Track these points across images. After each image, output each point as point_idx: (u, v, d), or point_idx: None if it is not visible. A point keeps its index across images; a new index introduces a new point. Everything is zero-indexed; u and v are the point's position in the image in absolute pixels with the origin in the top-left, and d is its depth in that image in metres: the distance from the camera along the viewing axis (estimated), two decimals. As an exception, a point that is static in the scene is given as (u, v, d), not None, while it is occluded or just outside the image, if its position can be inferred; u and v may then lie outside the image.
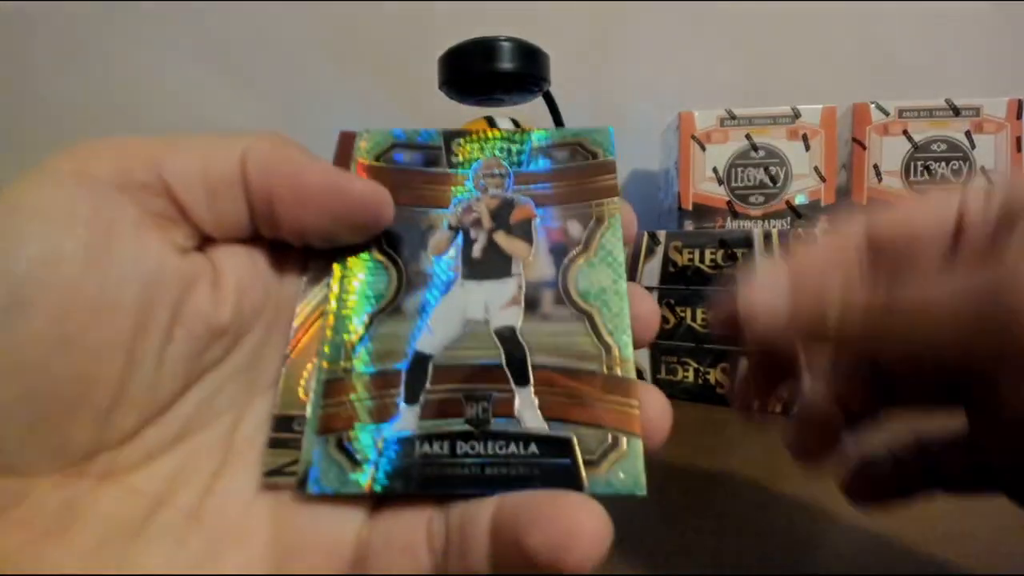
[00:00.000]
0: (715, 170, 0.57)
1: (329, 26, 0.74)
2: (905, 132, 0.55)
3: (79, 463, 0.12)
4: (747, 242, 0.40)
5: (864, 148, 0.56)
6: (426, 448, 0.13)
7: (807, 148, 0.56)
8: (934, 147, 0.55)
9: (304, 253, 0.15)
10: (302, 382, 0.13)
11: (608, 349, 0.14)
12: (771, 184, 0.57)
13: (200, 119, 0.73)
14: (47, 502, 0.11)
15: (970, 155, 0.54)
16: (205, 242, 0.14)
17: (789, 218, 0.56)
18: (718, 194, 0.57)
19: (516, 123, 0.56)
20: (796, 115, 0.56)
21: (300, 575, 0.12)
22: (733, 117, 0.57)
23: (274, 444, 0.13)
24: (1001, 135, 0.54)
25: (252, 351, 0.14)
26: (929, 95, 0.56)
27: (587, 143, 0.17)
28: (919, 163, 0.55)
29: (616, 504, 0.26)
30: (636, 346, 0.15)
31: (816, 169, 0.56)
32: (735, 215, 0.57)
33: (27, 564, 0.10)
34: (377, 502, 0.13)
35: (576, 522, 0.11)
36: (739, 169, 0.57)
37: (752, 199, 0.57)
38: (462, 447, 0.13)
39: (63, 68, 0.74)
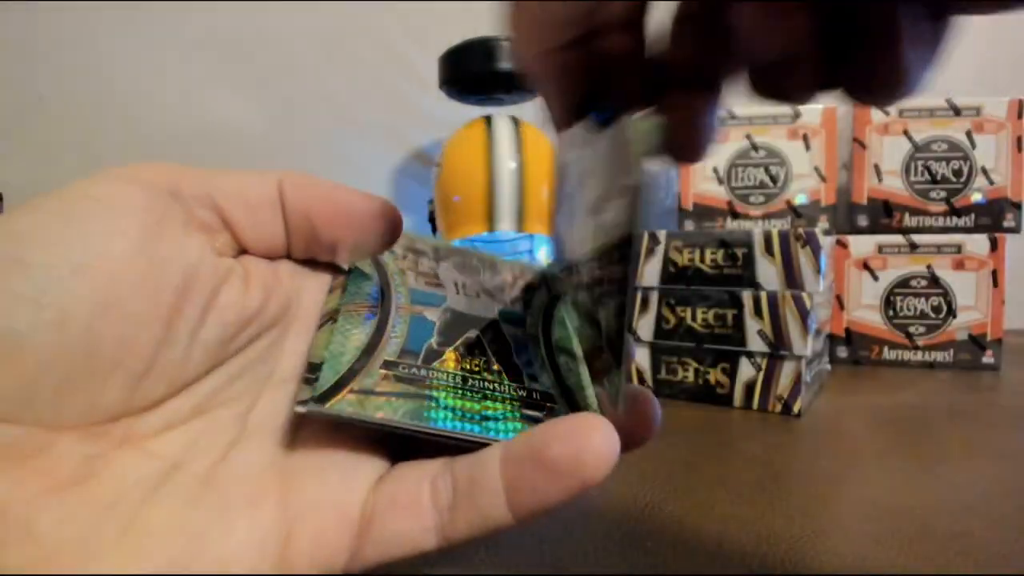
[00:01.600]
0: (715, 170, 0.57)
1: (329, 26, 0.74)
2: (905, 132, 0.55)
3: (103, 424, 0.12)
4: (747, 242, 0.40)
5: (864, 148, 0.56)
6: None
7: (807, 148, 0.56)
8: (934, 147, 0.55)
9: (317, 271, 0.17)
10: (326, 342, 0.15)
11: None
12: (771, 184, 0.57)
13: (200, 118, 0.73)
14: (69, 455, 0.12)
15: (970, 155, 0.54)
16: (240, 254, 0.16)
17: (789, 218, 0.56)
18: (718, 194, 0.57)
19: (516, 120, 0.56)
20: (796, 115, 0.56)
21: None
22: (733, 117, 0.57)
23: (306, 381, 0.14)
24: (1002, 135, 0.54)
25: (270, 347, 0.15)
26: (929, 95, 0.56)
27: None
28: (919, 163, 0.55)
29: (616, 504, 0.26)
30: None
31: (816, 169, 0.56)
32: (735, 215, 0.57)
33: (43, 511, 0.11)
34: (390, 464, 0.15)
35: (591, 432, 0.13)
36: (739, 169, 0.57)
37: (752, 199, 0.57)
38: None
39: (63, 67, 0.74)
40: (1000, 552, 0.21)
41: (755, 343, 0.40)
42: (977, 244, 0.52)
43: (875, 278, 0.54)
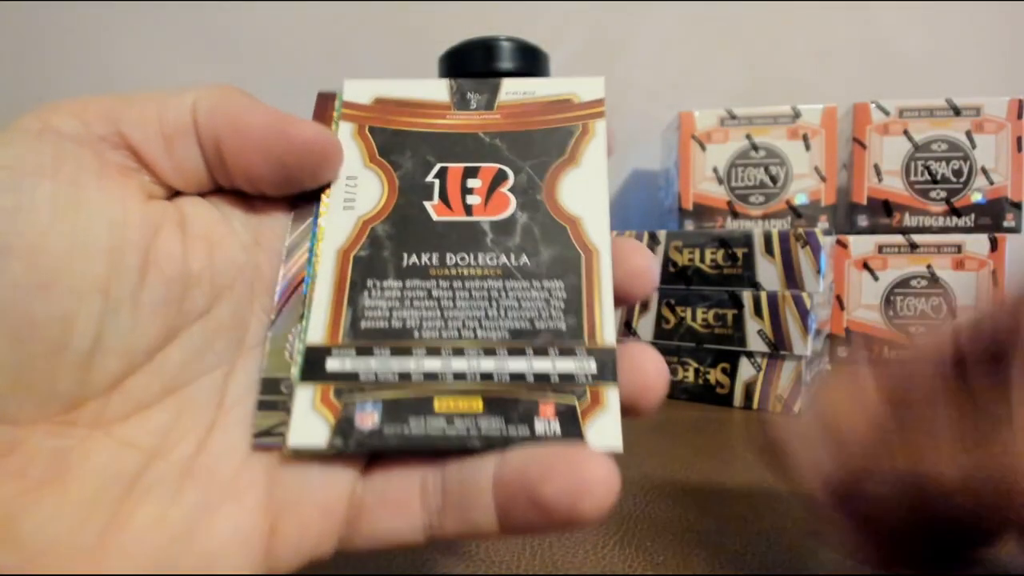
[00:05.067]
0: (715, 170, 0.57)
1: (329, 26, 0.74)
2: (905, 132, 0.55)
3: (68, 411, 0.12)
4: (747, 242, 0.40)
5: (864, 148, 0.56)
6: None
7: (807, 148, 0.56)
8: (935, 147, 0.55)
9: (285, 217, 0.15)
10: (287, 345, 0.14)
11: None
12: (771, 184, 0.57)
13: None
14: (39, 451, 0.11)
15: (970, 155, 0.54)
16: (172, 196, 0.14)
17: (789, 218, 0.56)
18: (718, 194, 0.57)
19: None
20: (796, 115, 0.56)
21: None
22: (733, 117, 0.57)
23: (263, 406, 0.13)
24: (1002, 135, 0.53)
25: (237, 309, 0.14)
26: (929, 95, 0.56)
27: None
28: (920, 163, 0.55)
29: (616, 504, 0.26)
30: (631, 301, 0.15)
31: (816, 169, 0.56)
32: (735, 215, 0.57)
33: (23, 513, 0.10)
34: (369, 462, 0.14)
35: (589, 472, 0.12)
36: (739, 169, 0.57)
37: (752, 199, 0.57)
38: None
39: (63, 67, 0.74)
40: (1000, 551, 0.21)
41: (755, 343, 0.40)
42: (977, 244, 0.52)
43: (875, 278, 0.54)
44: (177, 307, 0.13)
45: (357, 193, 0.15)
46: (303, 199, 0.15)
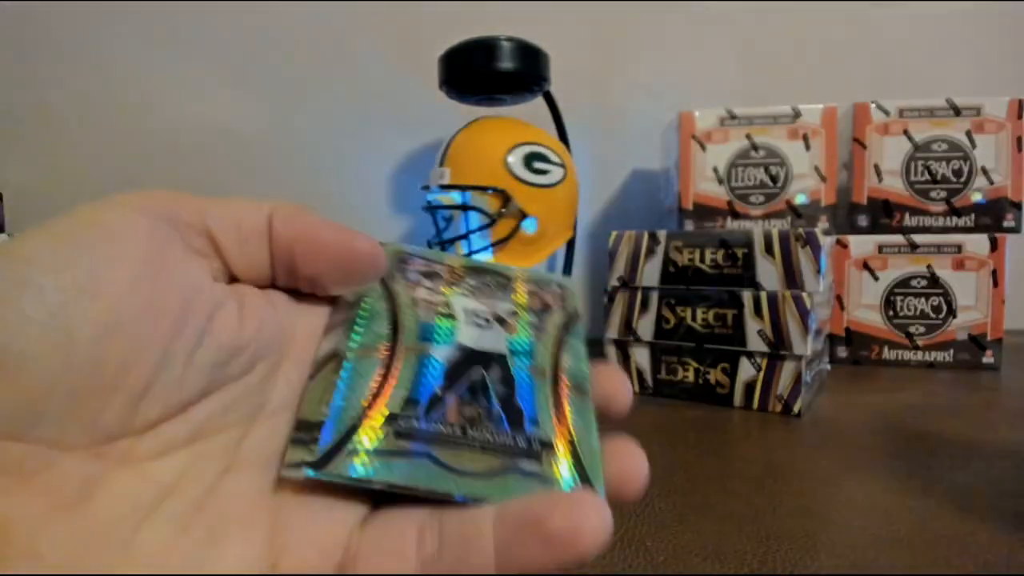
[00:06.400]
0: (715, 170, 0.57)
1: (329, 26, 0.74)
2: (906, 132, 0.55)
3: (103, 444, 0.13)
4: (747, 242, 0.40)
5: (865, 148, 0.56)
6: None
7: (807, 148, 0.56)
8: (935, 147, 0.55)
9: (313, 303, 0.18)
10: (323, 395, 0.16)
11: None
12: (771, 184, 0.57)
13: (200, 119, 0.73)
14: (70, 475, 0.12)
15: (970, 155, 0.54)
16: (232, 281, 0.17)
17: (789, 218, 0.56)
18: (718, 194, 0.57)
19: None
20: (796, 115, 0.56)
21: (290, 575, 0.14)
22: (733, 117, 0.57)
23: (296, 442, 0.15)
24: (1002, 135, 0.54)
25: (264, 377, 0.16)
26: (929, 95, 0.56)
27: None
28: (920, 162, 0.55)
29: (616, 503, 0.26)
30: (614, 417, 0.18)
31: (816, 169, 0.56)
32: (735, 215, 0.57)
33: (45, 530, 0.11)
34: (374, 506, 0.15)
35: (589, 509, 0.13)
36: (739, 169, 0.57)
37: (752, 199, 0.57)
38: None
39: (63, 68, 0.74)
40: (1000, 552, 0.21)
41: (755, 343, 0.40)
42: (977, 244, 0.52)
43: (875, 278, 0.54)
44: (221, 370, 0.15)
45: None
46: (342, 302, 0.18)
